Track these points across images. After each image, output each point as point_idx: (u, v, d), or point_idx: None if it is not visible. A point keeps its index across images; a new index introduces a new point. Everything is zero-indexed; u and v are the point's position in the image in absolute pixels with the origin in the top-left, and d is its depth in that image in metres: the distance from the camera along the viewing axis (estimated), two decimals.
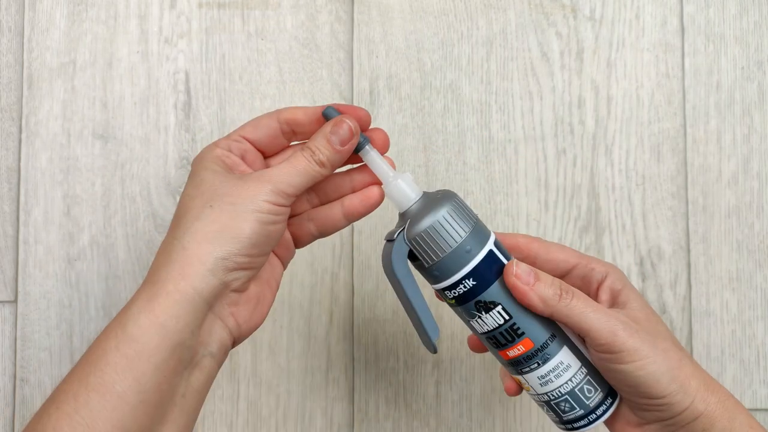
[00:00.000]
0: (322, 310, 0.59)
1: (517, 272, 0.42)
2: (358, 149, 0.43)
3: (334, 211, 0.45)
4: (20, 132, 0.60)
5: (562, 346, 0.43)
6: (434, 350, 0.43)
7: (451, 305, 0.44)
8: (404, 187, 0.43)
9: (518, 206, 0.59)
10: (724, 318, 0.59)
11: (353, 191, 0.45)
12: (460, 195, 0.44)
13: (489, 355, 0.59)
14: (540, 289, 0.41)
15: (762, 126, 0.60)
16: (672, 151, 0.60)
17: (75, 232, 0.59)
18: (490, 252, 0.42)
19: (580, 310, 0.41)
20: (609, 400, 0.44)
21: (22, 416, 0.58)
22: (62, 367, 0.59)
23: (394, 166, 0.44)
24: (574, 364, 0.43)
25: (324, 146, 0.41)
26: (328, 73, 0.60)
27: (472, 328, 0.44)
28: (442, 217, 0.41)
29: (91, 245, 0.59)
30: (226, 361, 0.58)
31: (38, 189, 0.59)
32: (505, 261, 0.43)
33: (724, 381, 0.59)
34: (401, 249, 0.42)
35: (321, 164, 0.41)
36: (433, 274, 0.42)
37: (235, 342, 0.42)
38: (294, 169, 0.41)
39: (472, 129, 0.60)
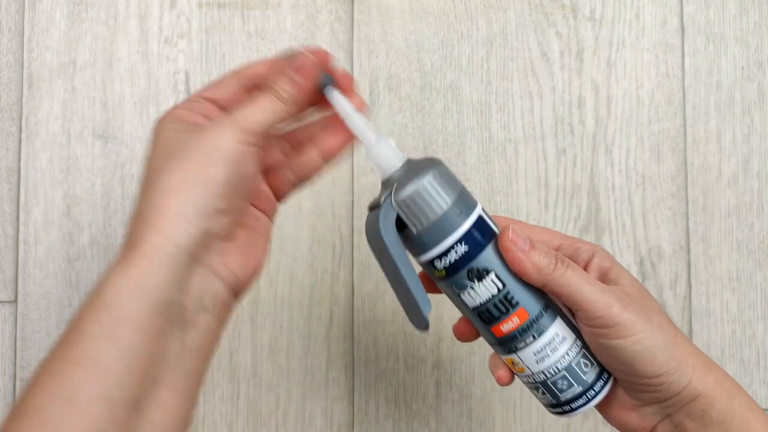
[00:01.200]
0: (322, 310, 0.59)
1: (513, 237, 0.40)
2: (322, 87, 0.40)
3: (309, 155, 0.42)
4: (20, 132, 0.60)
5: (555, 317, 0.42)
6: (425, 325, 0.40)
7: (439, 279, 0.41)
8: (388, 152, 0.41)
9: (518, 206, 0.59)
10: (724, 318, 0.59)
11: (325, 133, 0.42)
12: None
13: (489, 356, 0.59)
14: (535, 257, 0.40)
15: (762, 126, 0.60)
16: (672, 151, 0.60)
17: (75, 232, 0.59)
18: (480, 216, 0.41)
19: (574, 281, 0.40)
20: (605, 375, 0.42)
21: None
22: None
23: (362, 108, 0.41)
24: (569, 336, 0.42)
25: (284, 82, 0.39)
26: None
27: (462, 304, 0.42)
28: (431, 177, 0.39)
29: (91, 245, 0.59)
30: (227, 361, 0.58)
31: (38, 189, 0.59)
32: (495, 227, 0.41)
33: None
34: (389, 214, 0.39)
35: (283, 100, 0.39)
36: (422, 241, 0.40)
37: (236, 293, 0.40)
38: (256, 108, 0.38)
39: (472, 129, 0.60)
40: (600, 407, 0.44)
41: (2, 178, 0.60)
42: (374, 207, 0.41)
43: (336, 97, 0.40)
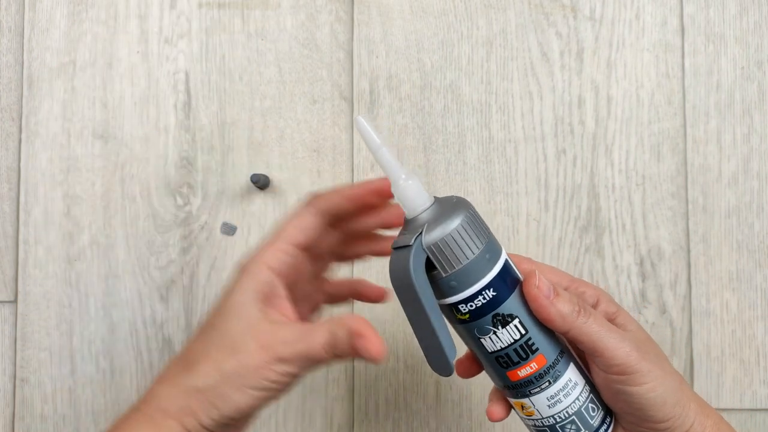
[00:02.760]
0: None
1: (540, 284, 0.41)
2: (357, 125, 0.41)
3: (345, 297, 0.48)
4: (20, 132, 0.60)
5: (569, 363, 0.42)
6: (450, 371, 0.40)
7: (460, 322, 0.41)
8: (417, 191, 0.40)
9: (518, 206, 0.59)
10: (724, 318, 0.59)
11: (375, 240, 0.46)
12: (461, 195, 0.43)
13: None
14: (559, 304, 0.40)
15: (762, 126, 0.60)
16: (672, 151, 0.60)
17: (75, 232, 0.59)
18: (507, 261, 0.41)
19: (596, 329, 0.41)
20: (608, 419, 0.43)
21: (22, 416, 0.58)
22: (62, 367, 0.59)
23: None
24: (580, 381, 0.42)
25: (345, 344, 0.41)
26: (328, 73, 0.60)
27: (480, 347, 0.41)
28: (464, 222, 0.39)
29: (91, 245, 0.59)
30: None
31: (38, 189, 0.59)
32: (518, 273, 0.41)
33: (724, 381, 0.59)
34: (420, 255, 0.39)
35: (336, 357, 0.41)
36: (449, 285, 0.39)
37: None
38: (308, 353, 0.41)
39: (472, 129, 0.60)
40: None
41: (2, 178, 0.60)
42: (401, 247, 0.40)
43: (364, 129, 0.40)
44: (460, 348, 0.41)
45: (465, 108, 0.60)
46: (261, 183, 0.58)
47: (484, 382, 0.59)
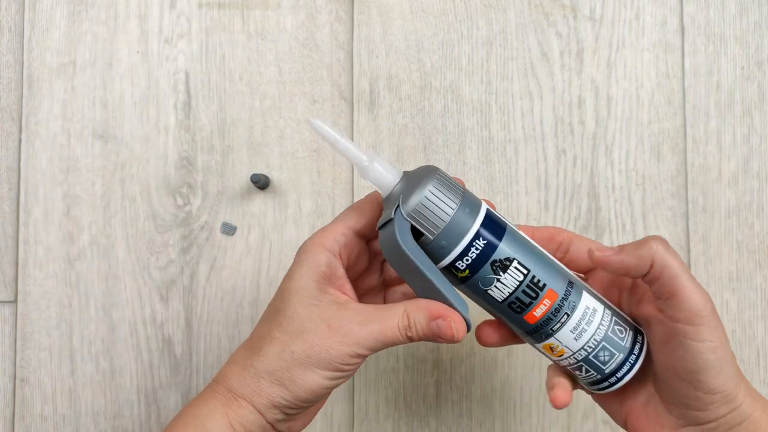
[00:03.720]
0: None
1: (597, 248, 0.41)
2: (312, 125, 0.42)
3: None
4: (20, 132, 0.60)
5: (582, 292, 0.42)
6: (468, 327, 0.42)
7: (462, 281, 0.42)
8: (383, 169, 0.42)
9: (518, 206, 0.59)
10: (724, 318, 0.59)
11: None
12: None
13: (489, 355, 0.59)
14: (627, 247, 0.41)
15: (762, 126, 0.60)
16: (672, 151, 0.60)
17: (75, 232, 0.59)
18: (488, 210, 0.41)
19: (678, 265, 0.40)
20: (639, 338, 0.42)
21: (22, 416, 0.58)
22: (62, 367, 0.59)
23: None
24: (598, 306, 0.42)
25: (423, 327, 0.41)
26: (328, 73, 0.60)
27: (490, 301, 0.42)
28: (436, 182, 0.40)
29: (91, 245, 0.59)
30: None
31: (38, 189, 0.59)
32: (504, 220, 0.42)
33: None
34: (403, 225, 0.40)
35: (409, 339, 0.42)
36: (440, 246, 0.40)
37: None
38: (382, 335, 0.41)
39: (472, 129, 0.60)
40: (636, 426, 0.43)
41: (2, 178, 0.60)
42: (384, 224, 0.41)
43: (320, 127, 0.42)
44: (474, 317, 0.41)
45: (465, 108, 0.60)
46: (261, 183, 0.58)
47: (484, 383, 0.59)
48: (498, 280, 0.41)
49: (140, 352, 0.59)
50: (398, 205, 0.40)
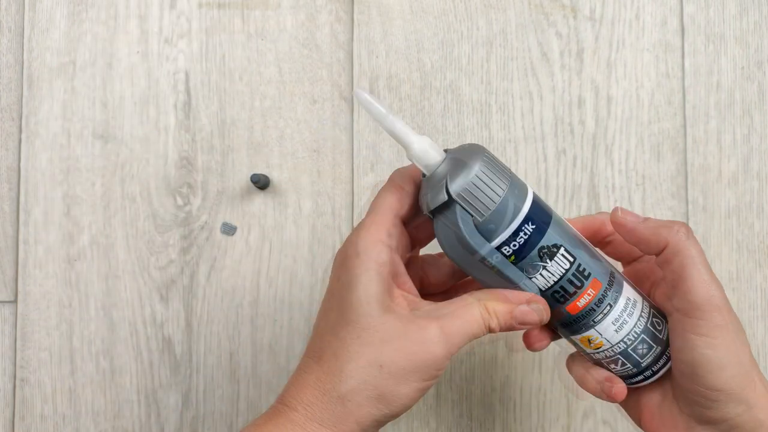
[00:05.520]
0: None
1: (623, 210, 0.41)
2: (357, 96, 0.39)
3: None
4: (20, 132, 0.60)
5: (623, 282, 0.41)
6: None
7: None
8: (428, 148, 0.39)
9: None
10: None
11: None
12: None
13: (489, 355, 0.59)
14: (649, 221, 0.40)
15: (762, 126, 0.60)
16: (672, 151, 0.60)
17: (75, 232, 0.59)
18: (535, 195, 0.40)
19: (690, 258, 0.39)
20: None
21: (22, 416, 0.58)
22: (62, 367, 0.59)
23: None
24: (638, 298, 0.41)
25: (504, 316, 0.39)
26: (328, 73, 0.60)
27: (533, 290, 0.40)
28: (485, 163, 0.38)
29: (91, 245, 0.59)
30: (227, 361, 0.58)
31: (38, 189, 0.59)
32: (548, 206, 0.41)
33: None
34: (465, 215, 0.37)
35: (489, 329, 0.39)
36: (487, 229, 0.38)
37: None
38: (469, 330, 0.38)
39: (472, 129, 0.60)
40: (650, 424, 0.42)
41: (2, 178, 0.60)
42: (437, 210, 0.39)
43: (367, 101, 0.39)
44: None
45: (465, 108, 0.60)
46: (261, 183, 0.58)
47: (484, 382, 0.59)
48: (544, 267, 0.39)
49: (140, 352, 0.59)
50: (449, 192, 0.38)
